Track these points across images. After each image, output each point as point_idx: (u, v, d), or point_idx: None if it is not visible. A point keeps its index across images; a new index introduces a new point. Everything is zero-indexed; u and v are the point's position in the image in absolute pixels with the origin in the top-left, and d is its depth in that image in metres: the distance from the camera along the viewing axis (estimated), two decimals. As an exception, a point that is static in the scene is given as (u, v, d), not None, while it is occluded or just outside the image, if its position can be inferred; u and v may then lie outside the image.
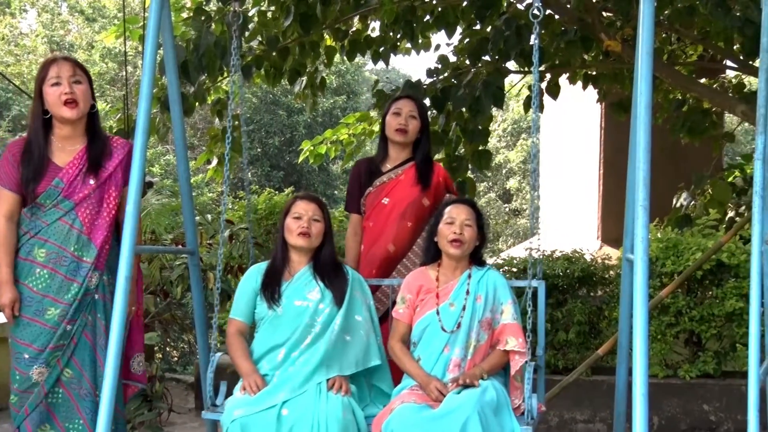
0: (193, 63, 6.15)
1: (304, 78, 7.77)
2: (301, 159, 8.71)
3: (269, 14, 7.15)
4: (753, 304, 3.38)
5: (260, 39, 7.13)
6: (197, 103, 7.01)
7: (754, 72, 6.94)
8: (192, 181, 4.79)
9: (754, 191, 3.55)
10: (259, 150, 23.98)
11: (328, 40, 7.85)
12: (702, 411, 6.10)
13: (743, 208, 8.38)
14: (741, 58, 7.58)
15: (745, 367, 3.41)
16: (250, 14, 7.04)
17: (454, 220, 3.94)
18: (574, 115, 11.66)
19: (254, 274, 4.09)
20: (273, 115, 24.61)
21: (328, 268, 4.04)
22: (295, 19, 6.69)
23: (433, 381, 3.76)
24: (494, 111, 8.20)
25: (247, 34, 6.91)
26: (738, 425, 6.00)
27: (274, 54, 7.11)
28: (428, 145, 4.72)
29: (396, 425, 3.55)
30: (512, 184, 26.91)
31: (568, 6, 7.27)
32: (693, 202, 8.50)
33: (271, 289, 3.99)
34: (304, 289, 3.99)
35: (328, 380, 3.80)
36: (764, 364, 4.01)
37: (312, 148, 8.40)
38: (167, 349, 9.69)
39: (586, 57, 7.73)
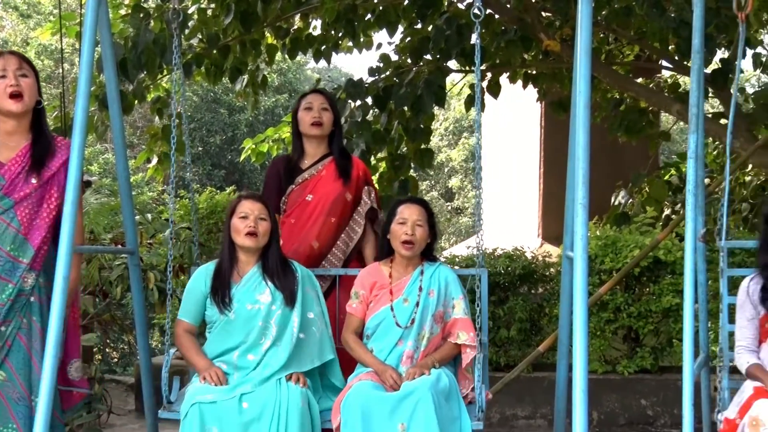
0: (131, 61, 6.07)
1: (246, 76, 7.72)
2: (242, 158, 8.66)
3: (209, 12, 7.09)
4: (687, 300, 3.44)
5: (200, 37, 7.07)
6: (136, 101, 6.92)
7: (688, 72, 7.06)
8: (131, 180, 4.72)
9: (688, 189, 3.62)
10: (200, 149, 23.74)
11: (270, 38, 7.81)
12: (640, 406, 6.21)
13: (679, 205, 8.56)
14: (676, 58, 7.73)
15: (680, 363, 3.48)
16: (189, 12, 6.98)
17: (406, 220, 3.98)
18: (514, 114, 11.76)
19: (202, 277, 4.05)
20: (214, 113, 24.36)
21: (277, 267, 4.01)
22: (235, 17, 6.64)
23: (389, 369, 3.84)
24: (436, 110, 8.23)
25: (186, 31, 6.84)
26: (674, 419, 6.12)
27: (214, 52, 7.05)
28: (342, 139, 4.72)
29: (353, 399, 3.64)
30: (454, 182, 27.05)
31: (508, 6, 7.34)
32: (630, 200, 8.65)
33: (221, 293, 3.96)
34: (254, 291, 3.96)
35: (285, 375, 3.84)
36: (698, 359, 4.10)
37: (254, 146, 8.35)
38: (107, 350, 9.54)
39: (526, 56, 7.82)
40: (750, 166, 8.50)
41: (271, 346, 3.88)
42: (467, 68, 7.51)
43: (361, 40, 7.84)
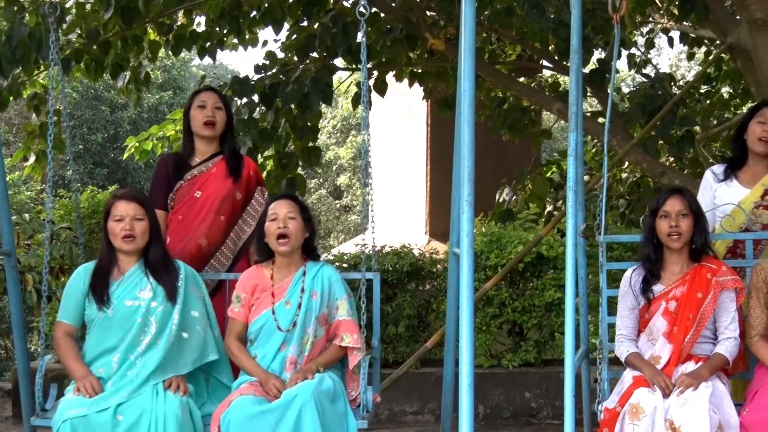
0: (5, 55, 5.85)
1: (128, 73, 7.53)
2: (125, 156, 8.44)
3: (88, 6, 6.88)
4: (568, 294, 3.54)
5: (79, 32, 6.86)
6: (11, 98, 6.67)
7: (568, 72, 7.27)
8: (8, 179, 4.55)
9: (568, 186, 3.72)
10: (81, 147, 23.04)
11: (152, 34, 7.65)
12: (524, 398, 6.35)
13: (560, 202, 8.80)
14: (556, 58, 7.94)
15: (562, 355, 3.58)
16: (67, 6, 6.76)
17: (277, 215, 3.92)
18: (402, 112, 11.84)
19: (81, 275, 3.92)
20: (95, 110, 23.70)
21: (159, 264, 3.92)
22: (115, 11, 6.47)
23: (272, 378, 3.77)
24: (323, 107, 8.21)
25: (64, 26, 6.62)
26: (556, 410, 6.28)
27: (94, 47, 6.86)
28: (233, 138, 4.67)
29: (234, 417, 3.55)
30: (343, 180, 27.06)
31: (393, 5, 7.39)
32: (514, 197, 8.85)
33: (99, 289, 3.84)
34: (135, 288, 3.86)
35: (164, 381, 3.73)
36: (579, 351, 4.22)
37: (137, 144, 8.15)
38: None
39: (411, 55, 7.89)
40: (626, 164, 8.81)
41: (150, 344, 3.77)
42: (354, 66, 7.53)
43: (247, 37, 7.77)
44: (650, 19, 9.89)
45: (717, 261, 3.95)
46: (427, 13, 7.70)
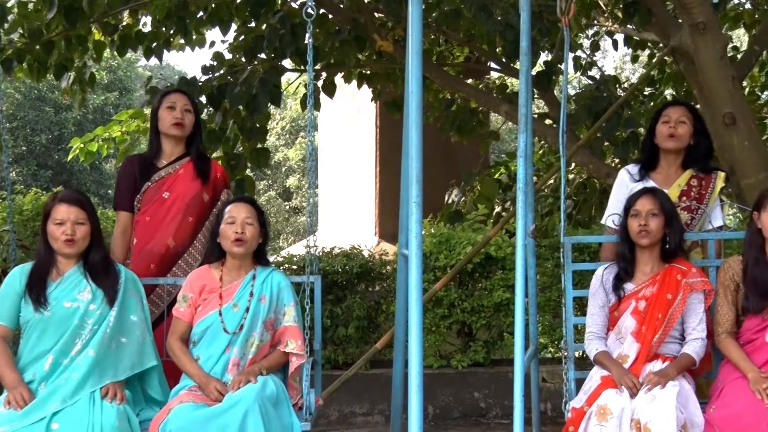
0: (-56, 55, 5.72)
1: (72, 73, 7.42)
2: (70, 157, 8.31)
3: (30, 5, 6.76)
4: (518, 294, 3.56)
5: (21, 31, 6.74)
6: (-49, 98, 6.52)
7: (515, 73, 7.33)
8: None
9: (518, 187, 3.75)
10: (24, 148, 22.66)
11: (97, 34, 7.54)
12: (473, 398, 6.38)
13: (509, 203, 8.86)
14: (503, 60, 8.00)
15: (511, 355, 3.61)
16: (9, 5, 6.63)
17: (235, 219, 3.90)
18: (350, 114, 11.84)
19: (17, 275, 3.83)
20: (39, 111, 23.32)
21: (99, 267, 3.85)
22: (59, 11, 6.37)
23: (213, 381, 3.72)
24: (272, 109, 8.17)
25: (6, 25, 6.50)
26: (505, 410, 6.32)
27: (37, 47, 6.74)
28: (201, 140, 4.64)
29: (174, 425, 3.49)
30: (292, 181, 26.98)
31: (341, 6, 7.38)
32: (463, 198, 8.89)
33: (36, 289, 3.75)
34: (74, 289, 3.78)
35: (101, 388, 3.64)
36: (528, 351, 4.25)
37: (82, 145, 8.02)
38: None
39: (360, 56, 7.88)
40: (573, 165, 8.90)
41: (82, 347, 3.69)
42: (302, 67, 7.50)
43: (194, 37, 7.70)
44: (595, 22, 10.01)
45: (687, 263, 4.01)
46: (375, 14, 7.70)
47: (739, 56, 9.15)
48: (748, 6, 9.83)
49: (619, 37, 9.82)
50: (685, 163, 4.48)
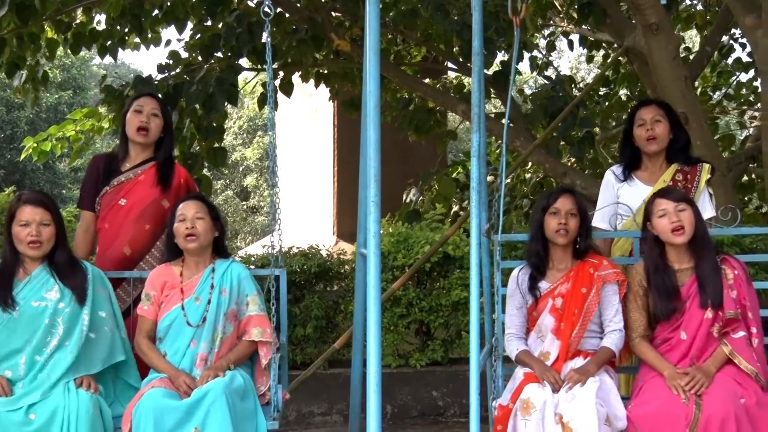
0: None
1: (24, 71, 7.32)
2: (23, 156, 8.20)
3: (-19, 3, 6.65)
4: (473, 293, 3.59)
5: (-28, 29, 6.63)
6: None
7: (471, 73, 7.38)
8: None
9: (472, 187, 3.77)
10: (-25, 147, 22.32)
11: (50, 32, 7.45)
12: (431, 397, 6.40)
13: (466, 202, 8.91)
14: (460, 59, 8.04)
15: (468, 354, 3.63)
16: (-41, 2, 6.51)
17: (185, 216, 3.93)
18: (308, 113, 11.82)
19: None
20: (-10, 110, 22.98)
21: (65, 266, 3.87)
22: (10, 8, 6.28)
23: (182, 375, 3.78)
24: (229, 108, 8.13)
25: (-45, 23, 6.40)
26: (463, 408, 6.34)
27: (-12, 45, 6.64)
28: (171, 145, 4.60)
29: (144, 408, 3.55)
30: (249, 181, 26.84)
31: (299, 5, 7.37)
32: (421, 198, 8.92)
33: (3, 290, 3.77)
34: (41, 288, 3.81)
35: (75, 379, 3.70)
36: (484, 349, 4.28)
37: (35, 145, 7.92)
38: None
39: (317, 56, 7.88)
40: (529, 164, 8.98)
41: (58, 345, 3.73)
42: (259, 66, 7.48)
43: (149, 36, 7.64)
44: (551, 22, 10.12)
45: (599, 256, 4.05)
46: (333, 14, 7.70)
47: (691, 57, 9.31)
48: (699, 7, 10.00)
49: (575, 38, 9.94)
50: (668, 157, 4.52)
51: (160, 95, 6.88)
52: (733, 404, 3.51)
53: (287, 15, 7.43)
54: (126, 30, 7.40)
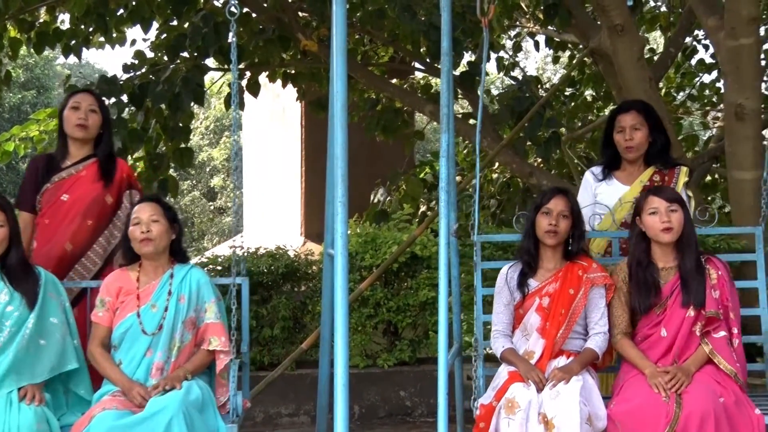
0: None
1: (-14, 71, 7.23)
2: (-15, 157, 8.09)
3: (-58, 1, 6.56)
4: (441, 293, 3.59)
5: (-67, 27, 6.54)
6: None
7: (439, 73, 7.38)
8: None
9: (440, 187, 3.79)
10: (-64, 148, 21.99)
11: (12, 31, 7.37)
12: (399, 397, 6.41)
13: (434, 202, 8.93)
14: (427, 60, 8.05)
15: (436, 353, 3.64)
16: None
17: (140, 219, 3.86)
18: (275, 113, 11.78)
19: None
20: (-48, 110, 22.69)
21: (18, 270, 3.79)
22: (-28, 8, 6.19)
23: (136, 387, 3.67)
24: (195, 108, 8.08)
25: None
26: (430, 408, 6.35)
27: (-50, 44, 6.54)
28: (110, 140, 4.56)
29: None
30: (216, 181, 26.73)
31: (265, 5, 7.34)
32: (389, 198, 8.93)
33: None
34: None
35: (19, 389, 3.59)
36: (452, 349, 4.29)
37: (-2, 145, 7.82)
38: None
39: (284, 56, 7.85)
40: (496, 164, 9.02)
41: (1, 349, 3.63)
42: (225, 66, 7.44)
43: (114, 35, 7.57)
44: (517, 23, 10.16)
45: (588, 259, 4.08)
46: (300, 14, 7.68)
47: (655, 58, 9.40)
48: (663, 9, 10.11)
49: (541, 39, 9.99)
50: (647, 159, 4.55)
51: (125, 95, 6.85)
52: (712, 402, 3.56)
53: (254, 15, 7.40)
54: (90, 29, 7.33)
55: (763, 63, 8.08)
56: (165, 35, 7.44)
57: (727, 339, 3.83)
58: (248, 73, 7.83)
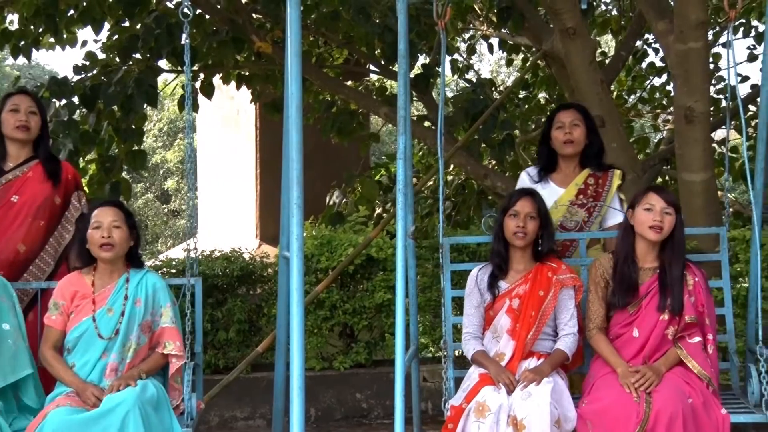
0: None
1: (-67, 72, 7.09)
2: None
3: None
4: (398, 295, 3.60)
5: None
6: None
7: (394, 76, 7.41)
8: None
9: (398, 189, 3.79)
10: None
11: (-40, 32, 7.23)
12: (355, 399, 6.41)
13: (389, 204, 8.95)
14: (382, 62, 8.07)
15: (393, 355, 3.65)
16: None
17: (101, 223, 3.82)
18: (230, 115, 11.73)
19: None
20: None
21: None
22: None
23: (89, 387, 3.65)
24: (148, 110, 8.02)
25: None
26: (386, 410, 6.36)
27: None
28: (49, 142, 4.52)
29: (49, 429, 3.39)
30: (170, 184, 26.49)
31: (219, 6, 7.30)
32: (344, 200, 8.93)
33: None
34: None
35: None
36: (409, 351, 4.30)
37: (-55, 148, 7.67)
38: None
39: (238, 57, 7.81)
40: (451, 166, 9.07)
41: None
42: (179, 68, 7.38)
43: (64, 36, 7.47)
44: (471, 26, 10.24)
45: (558, 260, 4.11)
46: (254, 15, 7.65)
47: (607, 61, 9.52)
48: (614, 13, 10.25)
49: (494, 41, 10.07)
50: (582, 162, 4.60)
51: (76, 97, 6.77)
52: (681, 402, 3.61)
53: (207, 16, 7.35)
54: (40, 30, 7.23)
55: (711, 66, 8.24)
56: (116, 36, 7.36)
57: (701, 344, 3.88)
58: (202, 75, 7.79)
